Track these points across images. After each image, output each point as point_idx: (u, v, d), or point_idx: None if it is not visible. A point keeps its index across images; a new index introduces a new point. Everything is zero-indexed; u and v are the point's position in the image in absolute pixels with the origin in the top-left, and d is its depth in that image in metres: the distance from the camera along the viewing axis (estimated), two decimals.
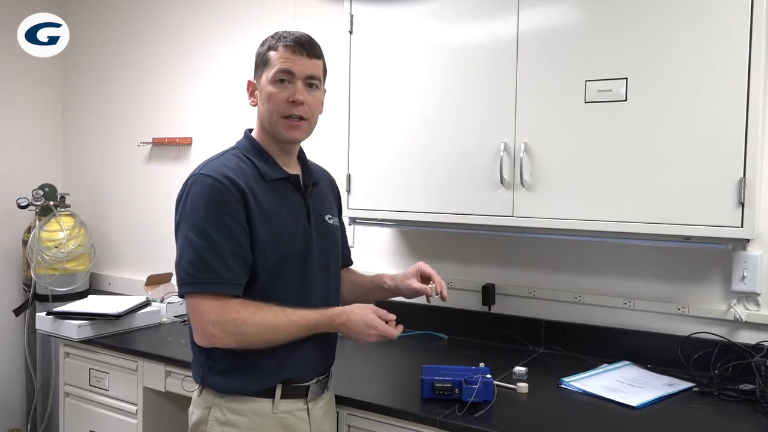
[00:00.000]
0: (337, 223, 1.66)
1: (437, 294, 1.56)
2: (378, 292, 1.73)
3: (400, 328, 1.50)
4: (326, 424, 1.60)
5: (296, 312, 1.43)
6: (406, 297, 1.67)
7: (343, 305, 1.54)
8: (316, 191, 1.60)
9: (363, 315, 1.48)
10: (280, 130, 1.49)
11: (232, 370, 1.46)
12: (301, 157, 1.63)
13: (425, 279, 1.65)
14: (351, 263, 1.81)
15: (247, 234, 1.42)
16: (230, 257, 1.39)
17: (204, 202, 1.40)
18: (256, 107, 1.55)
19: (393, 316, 1.50)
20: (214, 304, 1.38)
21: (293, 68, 1.47)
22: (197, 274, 1.38)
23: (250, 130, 1.59)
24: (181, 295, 1.43)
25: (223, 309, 1.38)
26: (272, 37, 1.52)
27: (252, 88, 1.55)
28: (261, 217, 1.43)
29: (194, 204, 1.41)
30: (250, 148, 1.53)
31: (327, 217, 1.61)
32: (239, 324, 1.38)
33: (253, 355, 1.44)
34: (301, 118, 1.49)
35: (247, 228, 1.42)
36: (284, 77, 1.47)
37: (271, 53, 1.49)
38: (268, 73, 1.48)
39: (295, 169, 1.58)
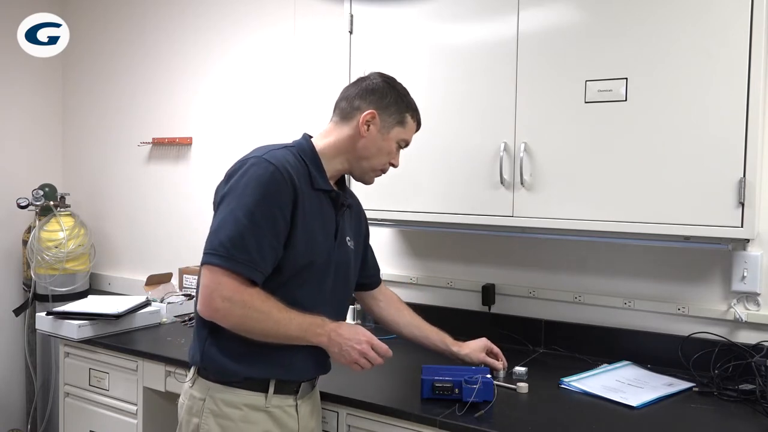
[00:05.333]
0: (353, 247, 1.68)
1: (504, 368, 1.87)
2: (437, 348, 1.85)
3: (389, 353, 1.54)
4: (313, 421, 1.62)
5: (296, 312, 1.45)
6: (465, 363, 1.82)
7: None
8: (347, 213, 1.64)
9: (356, 327, 1.53)
10: (371, 176, 1.64)
11: (235, 352, 1.46)
12: (341, 179, 1.67)
13: (491, 354, 1.88)
14: (379, 283, 1.89)
15: (287, 229, 1.44)
16: (266, 246, 1.41)
17: (260, 186, 1.41)
18: (349, 130, 1.57)
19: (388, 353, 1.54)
20: (233, 282, 1.39)
21: (409, 144, 1.66)
22: (233, 251, 1.38)
23: (310, 136, 1.60)
24: (205, 262, 1.42)
25: (239, 289, 1.39)
26: (409, 96, 1.63)
27: (371, 120, 1.55)
28: (302, 220, 1.46)
29: (250, 184, 1.42)
30: (307, 152, 1.55)
31: (347, 239, 1.64)
32: (247, 307, 1.40)
33: (263, 345, 1.45)
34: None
35: (289, 224, 1.44)
36: (403, 145, 1.64)
37: (409, 119, 1.61)
38: (399, 133, 1.60)
39: (335, 187, 1.62)
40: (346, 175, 1.67)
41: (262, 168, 1.43)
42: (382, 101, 1.57)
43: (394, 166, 1.64)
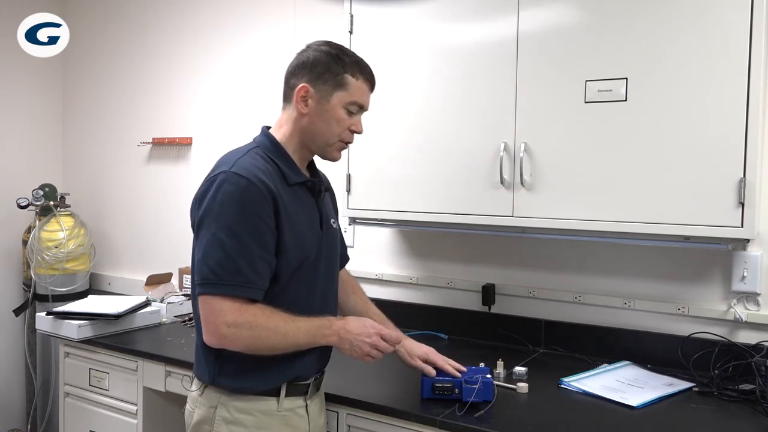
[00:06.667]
0: (336, 227, 1.67)
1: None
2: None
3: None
4: (321, 419, 1.63)
5: (301, 319, 1.44)
6: (400, 358, 1.68)
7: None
8: (326, 197, 1.63)
9: (362, 320, 1.53)
10: (331, 152, 1.54)
11: (244, 370, 1.46)
12: (311, 162, 1.63)
13: (429, 362, 1.67)
14: (347, 260, 1.83)
15: (274, 239, 1.41)
16: (258, 261, 1.38)
17: (237, 202, 1.37)
18: (292, 110, 1.51)
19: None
20: (233, 305, 1.37)
21: (366, 104, 1.54)
22: (225, 275, 1.36)
23: (268, 128, 1.56)
24: (199, 293, 1.39)
25: (241, 311, 1.37)
26: (347, 55, 1.51)
27: (305, 95, 1.48)
28: (286, 222, 1.43)
29: (225, 203, 1.37)
30: (271, 148, 1.50)
31: (332, 221, 1.63)
32: (254, 327, 1.38)
33: (271, 357, 1.44)
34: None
35: (275, 232, 1.41)
36: (356, 109, 1.52)
37: (350, 79, 1.49)
38: (342, 98, 1.49)
39: (307, 174, 1.58)
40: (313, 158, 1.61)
41: (233, 183, 1.37)
42: (314, 71, 1.47)
43: (357, 132, 1.54)
